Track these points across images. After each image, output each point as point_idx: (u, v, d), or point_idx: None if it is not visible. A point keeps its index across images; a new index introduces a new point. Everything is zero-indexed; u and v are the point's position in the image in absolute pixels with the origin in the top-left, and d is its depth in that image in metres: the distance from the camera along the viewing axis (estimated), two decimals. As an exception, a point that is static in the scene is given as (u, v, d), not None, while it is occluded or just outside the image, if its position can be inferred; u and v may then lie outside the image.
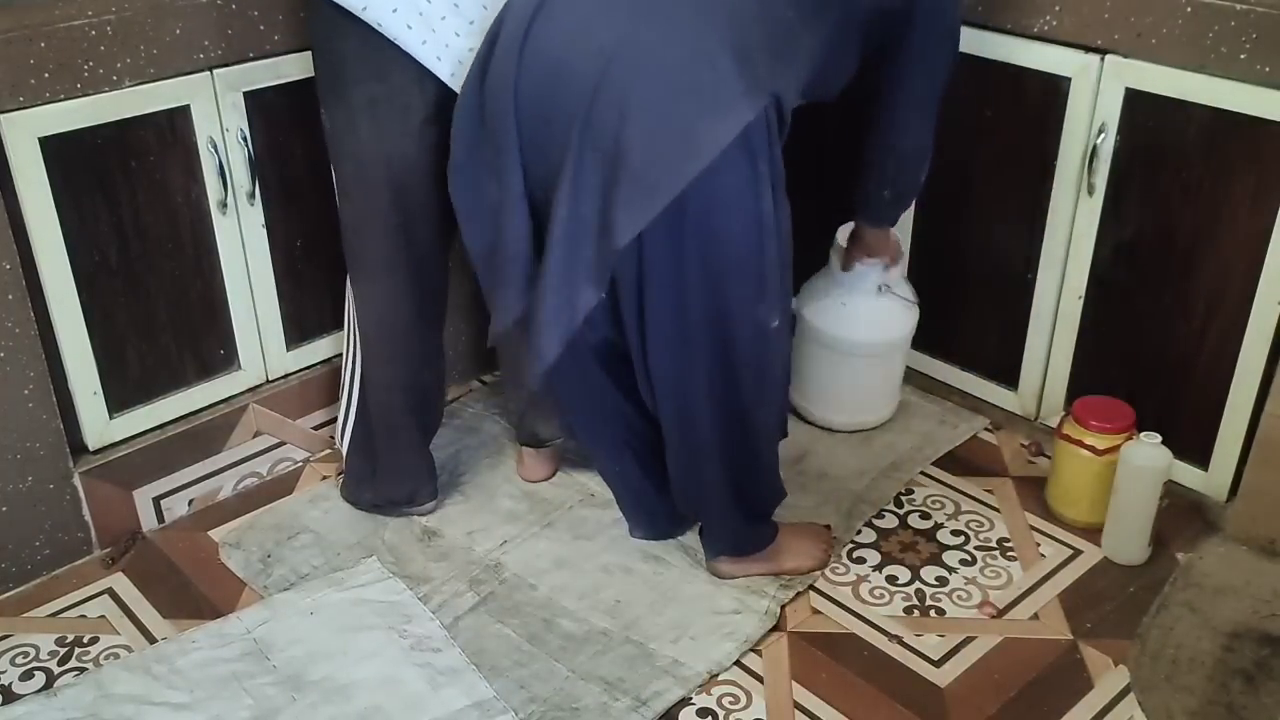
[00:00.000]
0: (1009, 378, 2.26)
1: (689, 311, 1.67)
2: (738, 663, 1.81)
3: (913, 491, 2.17)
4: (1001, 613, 1.90)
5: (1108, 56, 1.95)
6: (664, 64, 1.51)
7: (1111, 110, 1.97)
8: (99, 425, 1.99)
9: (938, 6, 1.81)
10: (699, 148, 1.49)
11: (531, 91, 1.58)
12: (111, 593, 1.96)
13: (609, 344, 1.83)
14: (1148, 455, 1.93)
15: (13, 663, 1.83)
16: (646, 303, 1.67)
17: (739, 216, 1.60)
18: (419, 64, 1.73)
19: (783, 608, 1.91)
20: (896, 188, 1.97)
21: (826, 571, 1.99)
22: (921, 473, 2.22)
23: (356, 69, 1.75)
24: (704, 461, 1.82)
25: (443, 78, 1.74)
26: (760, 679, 1.79)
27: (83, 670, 1.81)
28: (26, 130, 1.76)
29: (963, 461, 2.25)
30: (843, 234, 2.21)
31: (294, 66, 1.98)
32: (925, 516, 2.11)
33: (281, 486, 2.20)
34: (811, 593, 1.95)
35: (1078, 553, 2.03)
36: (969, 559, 2.02)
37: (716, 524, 1.92)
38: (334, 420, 2.19)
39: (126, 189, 1.91)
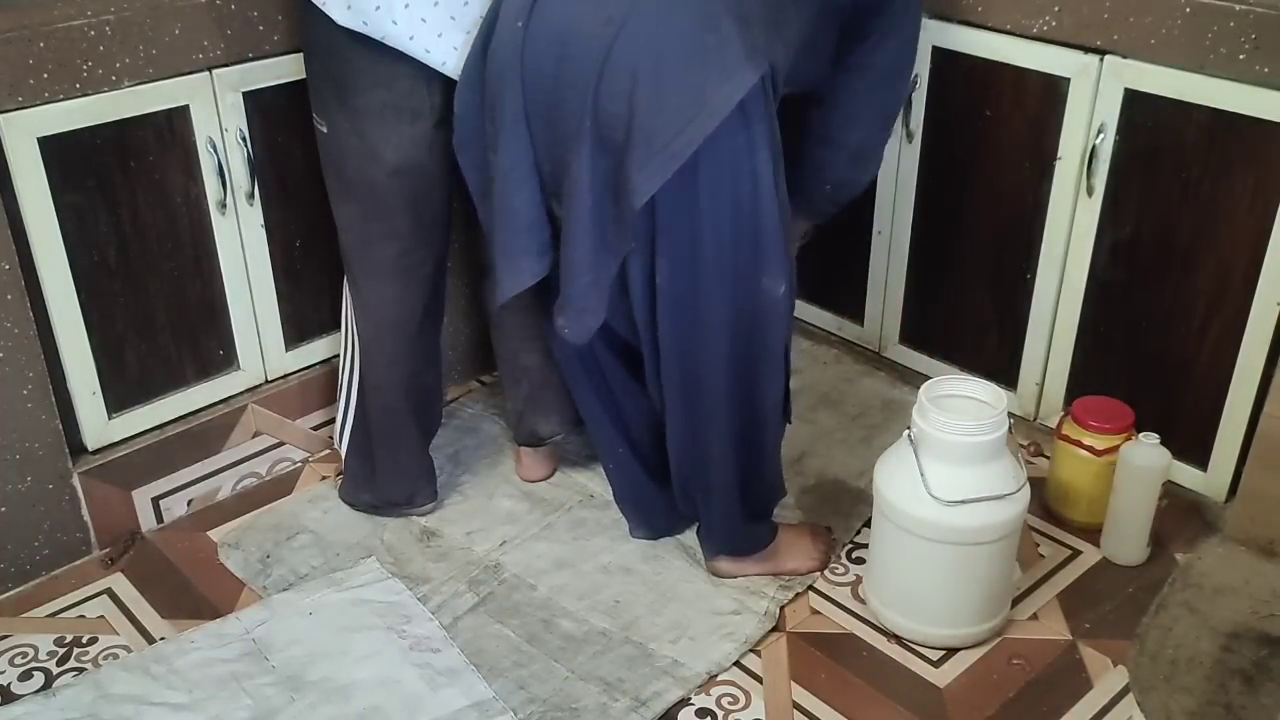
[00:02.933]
0: (1008, 378, 2.26)
1: (699, 280, 1.68)
2: (737, 663, 1.81)
3: (912, 492, 2.17)
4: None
5: (1107, 57, 1.95)
6: (671, 30, 1.55)
7: (1111, 111, 1.97)
8: (98, 425, 1.99)
9: (909, 8, 1.85)
10: (709, 109, 1.53)
11: (538, 63, 1.61)
12: (110, 593, 1.96)
13: (612, 332, 1.84)
14: (1147, 456, 1.93)
15: (11, 663, 1.83)
16: (659, 276, 1.69)
17: (741, 181, 1.62)
18: (425, 69, 1.73)
19: (782, 608, 1.91)
20: (839, 189, 1.96)
21: (826, 572, 1.99)
22: (921, 473, 2.22)
23: (363, 77, 1.75)
24: (711, 448, 1.82)
25: (435, 66, 1.73)
26: (759, 679, 1.79)
27: (81, 670, 1.81)
28: (25, 130, 1.76)
29: (962, 462, 2.25)
30: (925, 390, 1.77)
31: (293, 67, 1.98)
32: (924, 517, 2.11)
33: (280, 487, 2.20)
34: (811, 593, 1.95)
35: (1077, 553, 2.03)
36: (968, 559, 2.02)
37: (718, 522, 1.92)
38: (333, 420, 2.19)
39: (125, 189, 1.91)
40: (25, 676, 1.80)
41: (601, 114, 1.57)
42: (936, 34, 2.14)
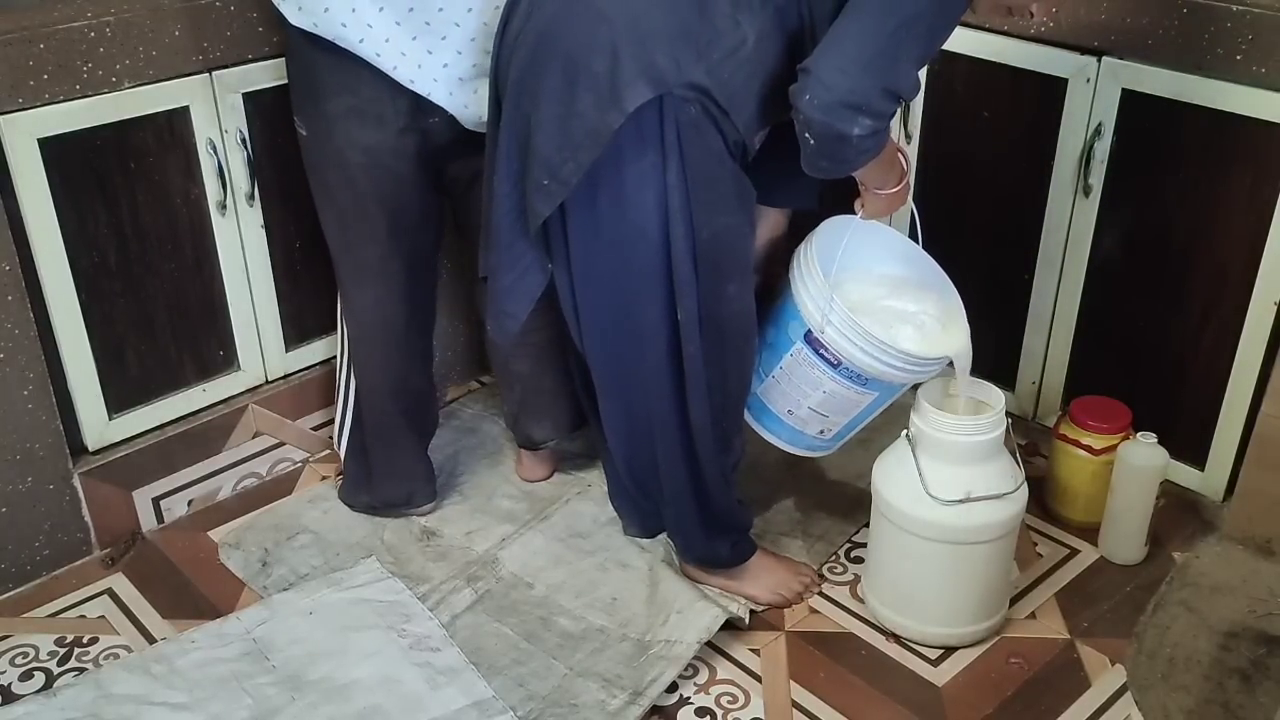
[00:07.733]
0: (1006, 378, 2.26)
1: (612, 306, 1.70)
2: (736, 662, 1.82)
3: (910, 491, 2.17)
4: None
5: (1104, 58, 1.95)
6: (567, 54, 1.54)
7: (1108, 111, 1.97)
8: (98, 426, 2.00)
9: None
10: (590, 137, 1.53)
11: (498, 80, 1.65)
12: (111, 593, 1.97)
13: None
14: (1144, 455, 1.93)
15: (12, 663, 1.83)
16: (578, 299, 1.71)
17: (644, 209, 1.61)
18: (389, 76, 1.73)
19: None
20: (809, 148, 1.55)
21: (825, 571, 1.99)
22: (919, 473, 2.22)
23: (330, 81, 1.76)
24: (653, 460, 1.83)
25: (387, 71, 1.72)
26: (758, 678, 1.80)
27: (82, 670, 1.81)
28: (26, 131, 1.77)
29: (960, 461, 2.25)
30: (924, 390, 1.79)
31: (293, 68, 1.98)
32: (923, 516, 2.11)
33: (281, 487, 2.21)
34: (809, 592, 1.96)
35: (1075, 552, 2.03)
36: (966, 558, 2.02)
37: (674, 528, 1.92)
38: (332, 421, 2.19)
39: (126, 190, 1.91)
40: (26, 676, 1.81)
41: (512, 135, 1.60)
42: (934, 35, 2.14)
